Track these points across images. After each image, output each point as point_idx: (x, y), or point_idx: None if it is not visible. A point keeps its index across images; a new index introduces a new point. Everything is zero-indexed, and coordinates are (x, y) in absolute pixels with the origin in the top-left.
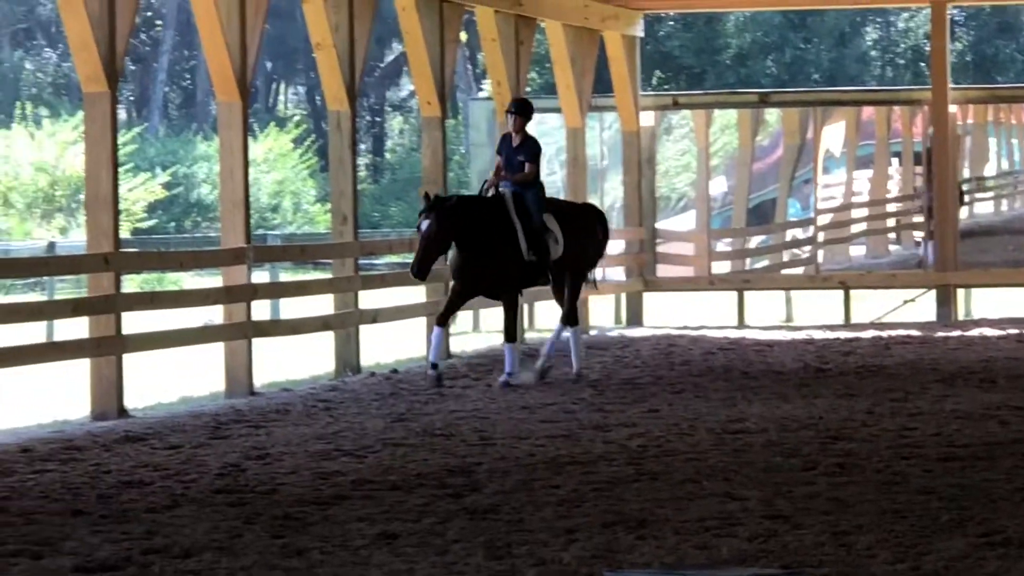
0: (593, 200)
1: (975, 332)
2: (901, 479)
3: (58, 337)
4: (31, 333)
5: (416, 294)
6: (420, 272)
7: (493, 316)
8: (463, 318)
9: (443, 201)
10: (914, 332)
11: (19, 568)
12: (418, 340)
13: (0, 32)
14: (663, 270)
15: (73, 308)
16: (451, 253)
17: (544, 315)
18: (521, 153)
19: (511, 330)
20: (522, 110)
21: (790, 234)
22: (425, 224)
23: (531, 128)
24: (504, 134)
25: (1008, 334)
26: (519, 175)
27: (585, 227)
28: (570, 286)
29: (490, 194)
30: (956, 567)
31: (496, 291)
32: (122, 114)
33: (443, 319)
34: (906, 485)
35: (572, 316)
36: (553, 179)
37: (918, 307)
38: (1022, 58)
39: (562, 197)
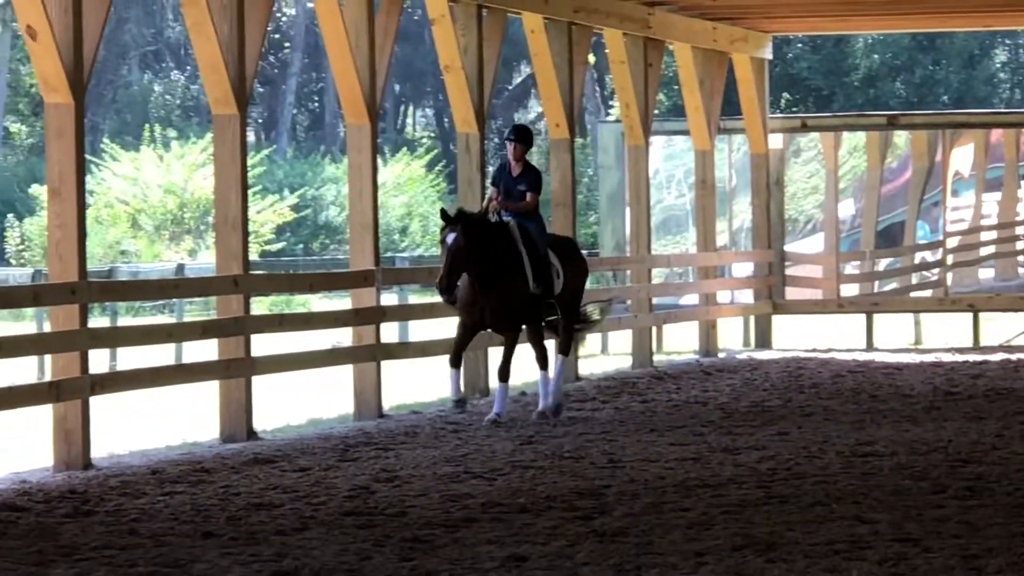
0: (722, 223)
1: None
2: None
3: (187, 359)
4: (161, 355)
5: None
6: (448, 288)
7: (622, 338)
8: (592, 340)
9: (467, 215)
10: None
11: None
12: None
13: (129, 55)
14: (791, 292)
15: (203, 330)
16: (461, 285)
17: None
18: (522, 182)
19: (506, 369)
20: (522, 137)
21: (919, 257)
22: (451, 237)
23: (659, 150)
24: (501, 163)
25: None
26: (520, 204)
27: (575, 261)
28: (566, 319)
29: (494, 219)
30: None
31: (502, 325)
32: (250, 136)
33: (456, 360)
34: None
35: (566, 346)
36: (682, 201)
37: None
38: None
39: (690, 219)
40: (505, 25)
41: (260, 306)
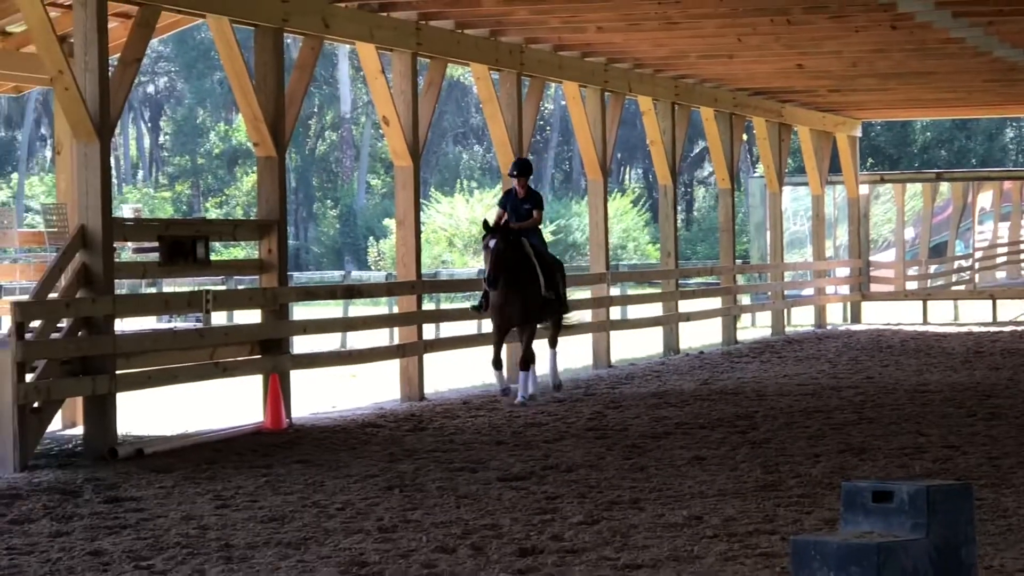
0: (828, 242)
1: None
2: None
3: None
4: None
5: (713, 302)
6: (494, 282)
7: (764, 316)
8: (745, 319)
9: (504, 226)
10: None
11: (462, 477)
12: (714, 330)
13: (447, 134)
14: (874, 287)
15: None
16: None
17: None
18: (528, 203)
19: (528, 358)
20: (524, 171)
21: (956, 264)
22: (492, 242)
23: (788, 195)
24: (508, 190)
25: None
26: (529, 222)
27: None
28: (558, 317)
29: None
30: None
31: (524, 322)
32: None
33: (497, 363)
34: None
35: (555, 340)
36: (803, 228)
37: None
38: None
39: (807, 240)
40: (689, 114)
41: None
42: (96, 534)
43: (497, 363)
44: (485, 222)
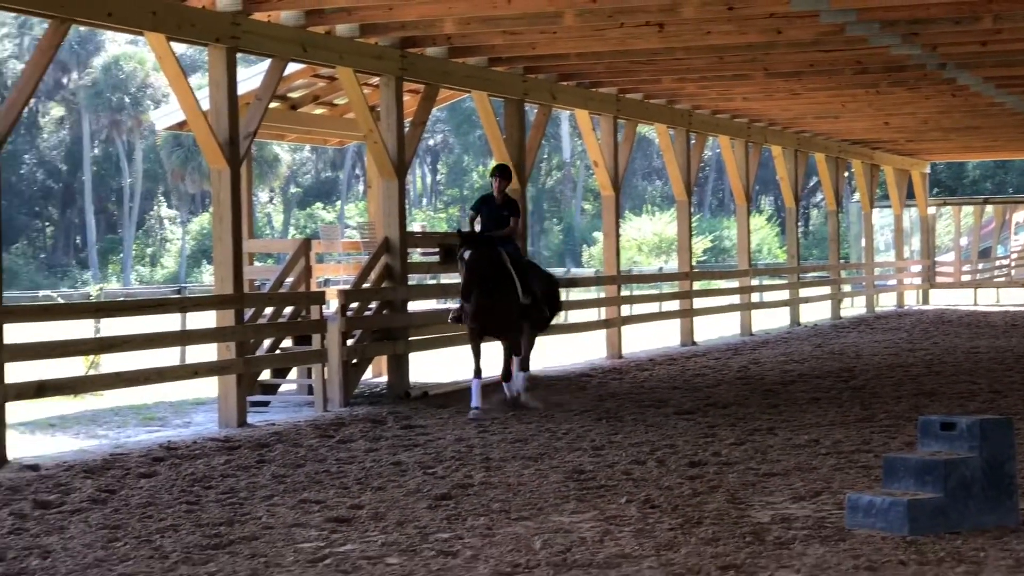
0: (905, 248)
1: None
2: None
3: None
4: (648, 308)
5: (823, 290)
6: (469, 295)
7: (860, 300)
8: (846, 301)
9: (480, 236)
10: None
11: (649, 412)
12: (824, 309)
13: (637, 172)
14: (938, 279)
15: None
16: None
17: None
18: (506, 209)
19: (508, 371)
20: (505, 173)
21: (998, 263)
22: (467, 254)
23: (877, 214)
24: (485, 196)
25: None
26: (505, 230)
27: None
28: (535, 325)
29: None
30: None
31: (502, 330)
32: (698, 212)
33: (478, 371)
34: None
35: (527, 362)
36: (887, 238)
37: None
38: None
39: (891, 247)
40: (808, 158)
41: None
42: (396, 450)
43: (478, 371)
44: (459, 231)
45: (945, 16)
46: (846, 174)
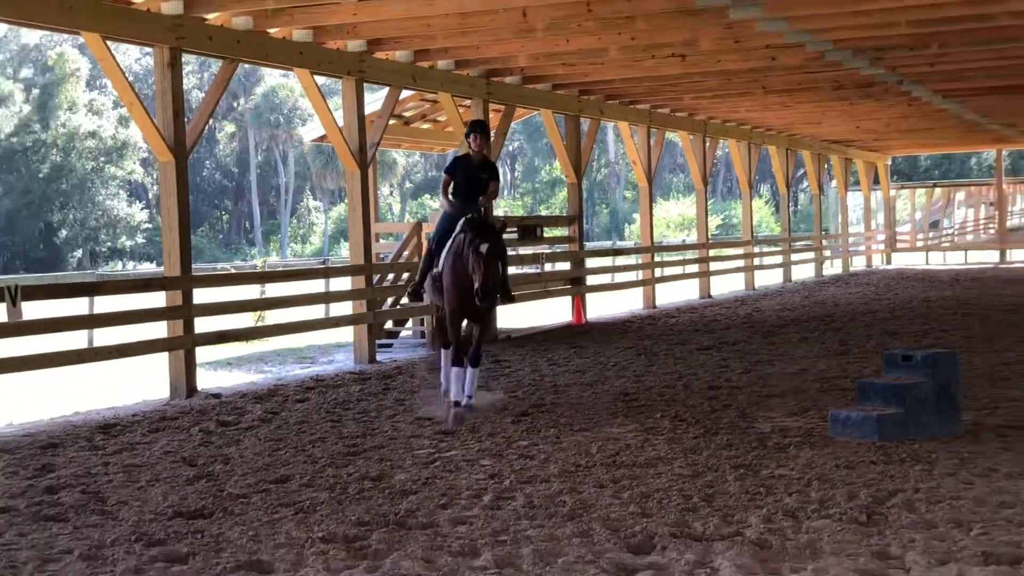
0: (872, 222)
1: None
2: None
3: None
4: (675, 270)
5: (809, 255)
6: (488, 292)
7: (837, 263)
8: (827, 264)
9: (493, 227)
10: None
11: (677, 348)
12: (808, 269)
13: (665, 168)
14: (899, 245)
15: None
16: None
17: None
18: (484, 171)
19: (477, 356)
20: (484, 130)
21: (945, 232)
22: (485, 247)
23: (851, 198)
24: (458, 157)
25: None
26: (490, 195)
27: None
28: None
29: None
30: None
31: (483, 315)
32: (711, 197)
33: (458, 358)
34: None
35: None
36: (859, 214)
37: None
38: None
39: (862, 220)
40: (797, 154)
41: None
42: (487, 380)
43: (458, 360)
44: (471, 220)
45: (902, 44)
46: (826, 166)
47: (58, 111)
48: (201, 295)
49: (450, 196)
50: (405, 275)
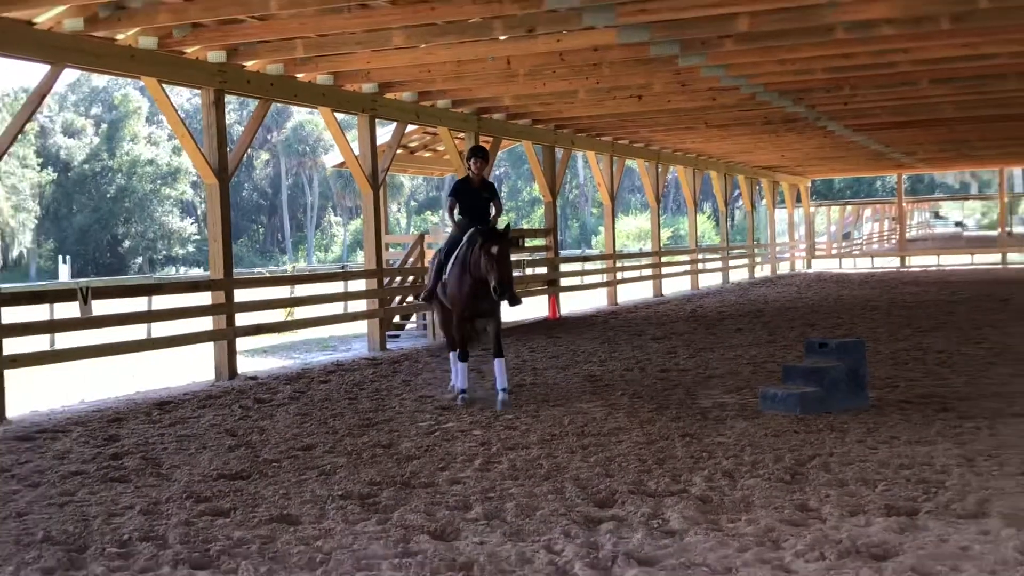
0: (796, 233)
1: None
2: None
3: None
4: (636, 273)
5: (742, 261)
6: (507, 289)
7: (765, 267)
8: (757, 268)
9: (503, 232)
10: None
11: (635, 339)
12: (741, 272)
13: (625, 190)
14: (817, 253)
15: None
16: (452, 284)
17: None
18: (485, 192)
19: (499, 348)
20: (484, 155)
21: (855, 242)
22: (496, 249)
23: (777, 214)
24: (459, 180)
25: None
26: (493, 215)
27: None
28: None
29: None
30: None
31: (487, 315)
32: (663, 213)
33: (464, 354)
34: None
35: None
36: (784, 227)
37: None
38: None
39: (787, 233)
40: (733, 178)
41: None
42: (477, 364)
43: (464, 355)
44: (482, 229)
45: (820, 87)
46: (757, 187)
47: (122, 142)
48: (241, 295)
49: (456, 217)
50: (411, 278)
